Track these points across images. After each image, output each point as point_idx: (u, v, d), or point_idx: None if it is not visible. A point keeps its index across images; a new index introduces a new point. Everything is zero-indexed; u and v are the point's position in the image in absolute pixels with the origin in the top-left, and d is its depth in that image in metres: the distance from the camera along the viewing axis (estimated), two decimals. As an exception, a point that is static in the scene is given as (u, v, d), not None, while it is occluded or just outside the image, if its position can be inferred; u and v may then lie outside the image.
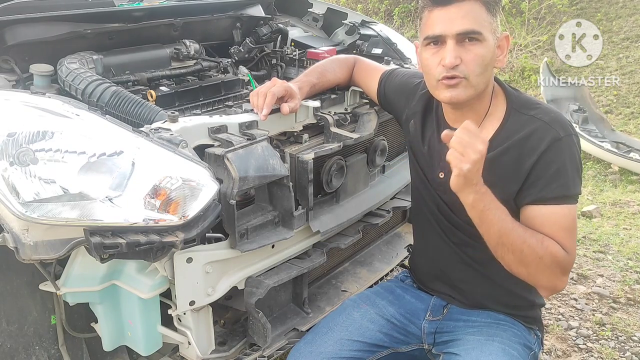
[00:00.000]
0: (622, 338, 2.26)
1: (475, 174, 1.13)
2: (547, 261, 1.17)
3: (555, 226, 1.20)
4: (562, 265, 1.19)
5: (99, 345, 1.42)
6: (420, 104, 1.46)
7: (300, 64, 2.16)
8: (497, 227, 1.17)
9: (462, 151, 1.11)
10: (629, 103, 6.02)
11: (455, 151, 1.12)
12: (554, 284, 1.22)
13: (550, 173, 1.21)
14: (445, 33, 1.20)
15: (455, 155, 1.12)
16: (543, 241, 1.18)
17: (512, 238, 1.16)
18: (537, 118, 1.24)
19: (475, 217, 1.18)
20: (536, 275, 1.20)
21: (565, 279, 1.22)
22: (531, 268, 1.18)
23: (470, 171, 1.11)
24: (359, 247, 1.97)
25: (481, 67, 1.21)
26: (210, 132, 1.32)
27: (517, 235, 1.17)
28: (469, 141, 1.11)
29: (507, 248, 1.18)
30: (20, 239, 1.12)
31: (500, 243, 1.18)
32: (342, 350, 1.37)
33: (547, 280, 1.20)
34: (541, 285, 1.23)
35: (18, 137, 1.11)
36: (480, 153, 1.10)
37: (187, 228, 1.16)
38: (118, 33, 1.81)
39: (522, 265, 1.19)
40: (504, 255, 1.19)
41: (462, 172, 1.11)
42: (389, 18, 8.44)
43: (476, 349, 1.29)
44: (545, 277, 1.20)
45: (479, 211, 1.16)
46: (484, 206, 1.16)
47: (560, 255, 1.18)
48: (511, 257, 1.18)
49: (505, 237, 1.17)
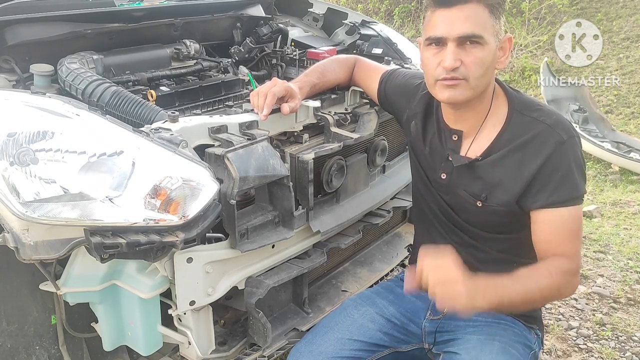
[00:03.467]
0: (623, 338, 2.26)
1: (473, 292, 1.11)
2: (562, 284, 1.21)
3: (566, 230, 1.22)
4: (572, 273, 1.23)
5: (99, 345, 1.42)
6: (421, 104, 1.46)
7: (300, 64, 2.16)
8: (517, 301, 1.19)
9: (445, 292, 1.11)
10: (629, 103, 6.01)
11: (440, 297, 1.11)
12: (573, 290, 1.30)
13: (558, 177, 1.22)
14: (446, 35, 1.20)
15: (443, 301, 1.11)
16: (550, 272, 1.20)
17: (511, 297, 1.17)
18: (540, 121, 1.24)
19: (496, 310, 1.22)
20: (560, 296, 1.39)
21: (577, 278, 1.27)
22: (555, 296, 1.34)
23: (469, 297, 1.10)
24: (359, 247, 1.97)
25: (481, 70, 1.21)
26: (211, 132, 1.32)
27: (516, 292, 1.18)
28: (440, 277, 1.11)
29: (528, 302, 1.22)
30: (20, 238, 1.12)
31: (519, 303, 1.20)
32: (343, 349, 1.37)
33: (567, 292, 1.28)
34: (565, 297, 1.40)
35: (18, 137, 1.11)
36: (458, 280, 1.10)
37: (188, 228, 1.16)
38: (118, 33, 1.81)
39: (531, 304, 1.28)
40: (528, 307, 1.26)
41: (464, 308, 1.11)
42: (389, 18, 8.44)
43: (476, 348, 1.30)
44: (567, 292, 1.28)
45: (496, 305, 1.17)
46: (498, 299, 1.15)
47: (567, 268, 1.21)
48: (535, 304, 1.30)
49: (508, 300, 1.17)
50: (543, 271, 1.20)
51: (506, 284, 1.18)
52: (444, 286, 1.11)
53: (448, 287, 1.10)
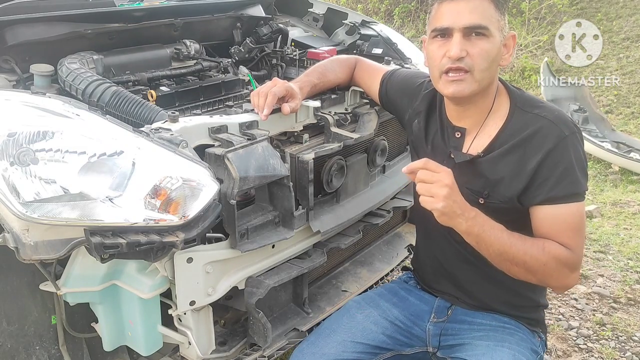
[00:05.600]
0: (623, 338, 2.26)
1: (454, 206, 1.14)
2: (552, 265, 1.19)
3: (565, 225, 1.21)
4: (568, 265, 1.20)
5: (99, 345, 1.42)
6: (424, 103, 1.46)
7: (300, 64, 2.16)
8: (496, 247, 1.18)
9: (430, 193, 1.14)
10: (630, 103, 6.01)
11: (425, 195, 1.15)
12: (564, 283, 1.24)
13: (558, 172, 1.21)
14: (453, 26, 1.20)
15: (426, 199, 1.15)
16: (544, 247, 1.19)
17: (512, 253, 1.18)
18: (542, 116, 1.24)
19: (473, 242, 1.20)
20: (545, 279, 1.23)
21: (575, 275, 1.24)
22: (538, 275, 1.20)
23: (447, 207, 1.13)
24: (359, 247, 1.97)
25: (487, 62, 1.21)
26: (211, 132, 1.32)
27: (517, 249, 1.18)
28: (432, 180, 1.14)
29: (510, 262, 1.20)
30: (20, 239, 1.12)
31: (503, 260, 1.20)
32: (345, 352, 1.37)
33: (557, 281, 1.23)
34: (552, 286, 1.27)
35: (18, 137, 1.11)
36: (448, 186, 1.13)
37: (188, 228, 1.16)
38: (118, 33, 1.81)
39: (530, 274, 1.21)
40: (509, 268, 1.22)
41: (440, 211, 1.14)
42: (389, 18, 8.43)
43: (486, 355, 1.29)
44: (554, 280, 1.22)
45: (474, 236, 1.18)
46: (478, 230, 1.17)
47: (564, 256, 1.19)
48: (516, 269, 1.21)
49: (506, 254, 1.18)
50: (538, 243, 1.20)
51: (496, 227, 1.18)
52: (433, 185, 1.13)
53: (435, 187, 1.13)
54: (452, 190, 1.14)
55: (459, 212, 1.15)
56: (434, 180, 1.14)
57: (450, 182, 1.14)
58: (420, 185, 1.16)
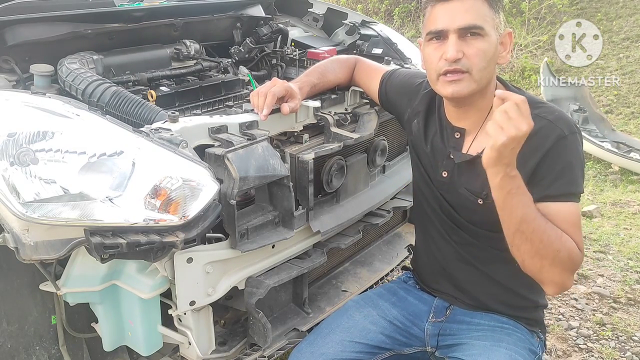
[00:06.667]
0: (623, 338, 2.26)
1: (510, 153, 1.08)
2: (563, 256, 1.15)
3: (565, 223, 1.19)
4: (575, 262, 1.18)
5: (99, 345, 1.42)
6: (423, 103, 1.46)
7: (300, 64, 2.16)
8: (520, 213, 1.13)
9: (504, 125, 1.06)
10: (629, 103, 6.01)
11: (496, 123, 1.07)
12: (563, 281, 1.19)
13: (557, 171, 1.20)
14: (447, 27, 1.20)
15: (495, 127, 1.07)
16: (562, 236, 1.16)
17: (533, 226, 1.13)
18: (542, 117, 1.24)
19: (499, 200, 1.14)
20: (550, 269, 1.16)
21: (572, 277, 1.21)
22: (547, 261, 1.15)
23: (505, 146, 1.07)
24: (359, 247, 1.97)
25: (484, 61, 1.21)
26: (211, 132, 1.32)
27: (538, 224, 1.14)
28: (514, 117, 1.06)
29: (526, 236, 1.14)
30: (20, 239, 1.12)
31: (520, 230, 1.14)
32: (344, 351, 1.37)
33: (559, 276, 1.18)
34: (551, 280, 1.19)
35: (18, 137, 1.11)
36: (522, 132, 1.06)
37: (188, 228, 1.16)
38: (118, 33, 1.81)
39: (538, 257, 1.15)
40: (520, 244, 1.16)
41: (496, 145, 1.07)
42: (389, 18, 8.43)
43: (483, 355, 1.28)
44: (558, 273, 1.17)
45: (504, 193, 1.13)
46: (510, 189, 1.12)
47: (575, 252, 1.17)
48: (528, 247, 1.15)
49: (526, 225, 1.13)
50: (557, 230, 1.16)
51: (527, 195, 1.14)
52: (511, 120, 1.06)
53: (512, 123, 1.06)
54: (520, 138, 1.07)
55: (506, 161, 1.09)
56: (515, 118, 1.06)
57: (524, 133, 1.07)
58: (500, 114, 1.07)
